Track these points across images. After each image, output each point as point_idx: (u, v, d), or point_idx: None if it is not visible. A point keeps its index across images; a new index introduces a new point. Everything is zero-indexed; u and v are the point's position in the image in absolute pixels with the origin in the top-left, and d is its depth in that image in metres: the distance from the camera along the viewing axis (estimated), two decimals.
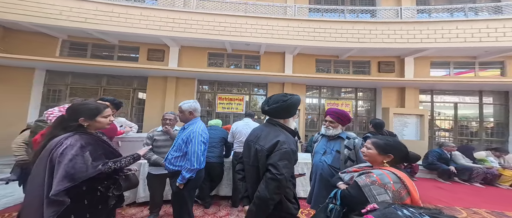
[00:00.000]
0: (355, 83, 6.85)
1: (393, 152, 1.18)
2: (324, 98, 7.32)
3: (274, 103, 1.15)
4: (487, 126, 6.78)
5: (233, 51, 7.19)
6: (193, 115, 1.82)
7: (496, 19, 5.52)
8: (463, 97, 6.89)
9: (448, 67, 6.66)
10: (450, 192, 3.95)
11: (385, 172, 1.10)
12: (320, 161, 1.79)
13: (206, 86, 7.63)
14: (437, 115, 6.92)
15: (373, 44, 5.91)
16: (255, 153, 1.10)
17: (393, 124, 6.29)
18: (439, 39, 5.72)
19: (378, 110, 6.85)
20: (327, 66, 7.23)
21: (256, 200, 1.01)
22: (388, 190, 0.99)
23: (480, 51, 5.99)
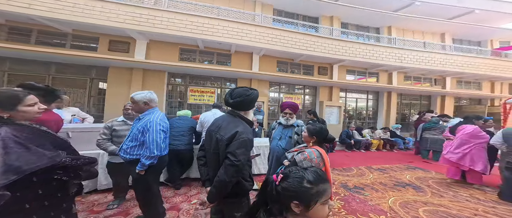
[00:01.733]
0: (304, 82, 7.68)
1: (317, 135, 1.45)
2: (282, 93, 7.82)
3: (238, 97, 1.14)
4: (369, 113, 8.84)
5: (205, 48, 6.66)
6: (149, 105, 1.69)
7: (377, 45, 7.53)
8: (360, 94, 8.77)
9: (354, 74, 8.42)
10: (350, 158, 4.92)
11: (313, 150, 1.36)
12: (277, 145, 1.98)
13: (179, 79, 6.76)
14: (348, 106, 8.62)
15: (315, 53, 6.84)
16: (216, 142, 1.10)
17: (325, 113, 7.42)
18: (351, 54, 7.25)
19: (317, 103, 7.86)
20: (285, 67, 7.69)
21: (216, 183, 1.03)
22: (313, 164, 1.25)
23: (367, 65, 7.93)
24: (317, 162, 1.29)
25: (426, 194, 2.79)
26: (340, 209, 2.18)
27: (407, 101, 8.96)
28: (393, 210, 2.20)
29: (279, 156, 1.95)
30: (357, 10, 7.82)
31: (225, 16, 6.34)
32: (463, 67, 7.90)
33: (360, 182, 3.10)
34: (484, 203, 2.55)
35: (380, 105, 8.56)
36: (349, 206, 2.24)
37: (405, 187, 2.98)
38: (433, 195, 2.76)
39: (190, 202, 2.37)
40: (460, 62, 7.91)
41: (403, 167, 4.12)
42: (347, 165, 4.09)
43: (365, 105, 8.73)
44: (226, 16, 6.35)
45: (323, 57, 7.16)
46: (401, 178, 3.41)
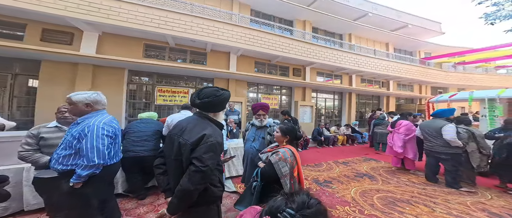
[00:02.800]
0: (280, 83, 7.20)
1: (289, 134, 1.38)
2: (261, 93, 7.17)
3: (206, 97, 0.97)
4: (335, 112, 9.08)
5: (177, 46, 5.50)
6: (92, 107, 1.36)
7: (341, 50, 7.59)
8: (328, 95, 8.83)
9: (323, 76, 8.43)
10: (321, 153, 4.86)
11: (286, 149, 1.27)
12: (251, 147, 1.84)
13: (145, 77, 5.37)
14: (318, 106, 8.56)
15: (290, 55, 6.44)
16: (178, 147, 0.90)
17: (299, 112, 7.21)
18: (320, 58, 7.10)
19: (292, 103, 7.54)
20: (263, 68, 7.06)
21: (178, 193, 0.84)
22: (287, 163, 1.19)
23: (333, 68, 8.01)
24: (291, 161, 1.23)
25: (378, 182, 2.96)
26: None
27: (363, 101, 9.53)
28: (355, 200, 2.28)
29: (253, 157, 1.79)
30: (325, 16, 7.61)
31: (200, 14, 5.29)
32: (401, 72, 8.78)
33: (329, 176, 3.13)
34: (418, 185, 2.84)
35: (344, 105, 8.86)
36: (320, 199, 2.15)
37: (363, 177, 3.11)
38: (383, 182, 2.95)
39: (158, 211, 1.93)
40: (399, 68, 8.75)
41: (361, 159, 4.30)
42: (318, 160, 4.05)
43: (332, 105, 8.90)
44: (201, 14, 5.31)
45: (297, 59, 6.78)
46: (360, 169, 3.53)
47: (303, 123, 7.06)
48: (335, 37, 8.83)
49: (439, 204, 2.26)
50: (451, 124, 2.81)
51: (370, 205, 2.18)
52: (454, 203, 2.27)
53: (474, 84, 10.51)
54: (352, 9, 8.42)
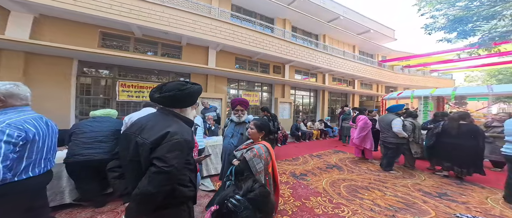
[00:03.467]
0: (261, 80, 6.96)
1: (265, 129, 1.34)
2: (242, 90, 6.82)
3: (168, 91, 0.85)
4: (311, 108, 9.38)
5: (145, 37, 4.66)
6: (5, 102, 1.01)
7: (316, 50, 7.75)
8: (305, 92, 9.05)
9: (301, 74, 8.57)
10: (298, 148, 4.89)
11: (261, 145, 1.22)
12: (229, 143, 1.74)
13: (104, 70, 4.45)
14: (296, 102, 8.72)
15: (271, 52, 6.23)
16: (135, 147, 0.78)
17: (279, 109, 7.17)
18: (299, 56, 7.11)
19: (273, 99, 7.43)
20: (244, 64, 6.66)
21: (136, 196, 0.72)
22: (262, 159, 1.15)
23: (309, 67, 8.16)
24: (265, 157, 1.19)
25: (344, 172, 3.12)
26: (290, 197, 2.17)
27: (334, 98, 10.13)
28: (326, 190, 2.37)
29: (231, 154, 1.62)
30: (303, 16, 7.54)
31: (174, 4, 4.53)
32: (364, 73, 9.57)
33: (304, 169, 3.17)
34: (374, 173, 3.08)
35: (318, 101, 9.21)
36: (296, 192, 2.28)
37: (332, 168, 3.25)
38: (348, 172, 3.13)
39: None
40: (362, 69, 9.50)
41: (331, 152, 4.51)
42: (296, 155, 4.08)
43: (308, 101, 9.17)
44: (174, 4, 4.55)
45: (277, 57, 6.60)
46: (330, 161, 3.69)
47: (283, 119, 7.06)
48: (312, 38, 8.93)
49: (388, 187, 2.52)
50: (398, 118, 3.13)
51: (337, 194, 2.31)
52: (399, 186, 2.57)
53: (415, 84, 12.41)
54: (327, 11, 8.57)
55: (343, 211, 1.90)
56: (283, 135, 5.44)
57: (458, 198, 2.27)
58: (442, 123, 3.01)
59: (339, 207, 1.98)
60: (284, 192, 2.28)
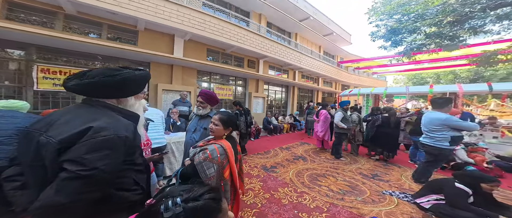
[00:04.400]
0: (235, 73, 6.57)
1: (232, 124, 1.12)
2: (214, 83, 6.28)
3: (92, 78, 0.66)
4: (282, 103, 9.70)
5: (80, 14, 3.57)
6: None
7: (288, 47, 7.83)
8: (277, 87, 9.21)
9: (274, 70, 8.54)
10: (270, 141, 4.94)
11: (216, 146, 0.96)
12: (190, 138, 1.55)
13: (16, 50, 3.23)
14: (270, 97, 8.84)
15: (246, 46, 5.88)
16: (36, 148, 0.59)
17: (253, 103, 7.05)
18: (272, 52, 7.00)
19: (247, 94, 7.21)
20: (217, 57, 6.07)
21: (35, 211, 0.54)
22: (215, 163, 0.92)
23: (282, 63, 8.23)
24: (220, 161, 0.95)
25: (308, 162, 3.29)
26: (260, 190, 2.17)
27: (302, 94, 10.73)
28: (292, 181, 2.46)
29: None
30: (278, 12, 7.31)
31: None
32: (327, 71, 10.46)
33: (274, 161, 3.23)
34: (330, 161, 3.38)
35: (289, 97, 9.56)
36: (266, 185, 2.31)
37: (298, 159, 3.38)
38: (311, 161, 3.31)
39: None
40: (326, 68, 10.33)
41: (298, 144, 4.70)
42: (267, 148, 4.11)
43: (280, 97, 9.40)
44: None
45: (252, 51, 6.29)
46: (297, 153, 3.82)
47: (256, 114, 7.00)
48: (285, 35, 8.88)
49: (340, 173, 2.81)
50: (340, 112, 3.55)
51: (301, 183, 2.42)
52: (347, 171, 2.90)
53: (362, 84, 14.64)
54: (299, 10, 8.52)
55: (305, 199, 2.02)
56: (256, 129, 5.41)
57: (384, 177, 2.74)
58: (380, 116, 3.57)
59: (302, 195, 2.09)
60: (254, 186, 2.27)
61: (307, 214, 1.76)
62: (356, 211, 1.83)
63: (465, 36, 4.23)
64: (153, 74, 4.75)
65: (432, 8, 4.05)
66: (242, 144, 3.58)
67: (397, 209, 1.89)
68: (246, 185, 2.30)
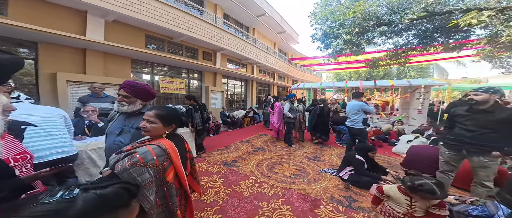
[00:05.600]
0: (188, 65, 5.85)
1: (175, 120, 0.93)
2: (160, 75, 5.31)
3: None
4: (242, 97, 9.71)
5: None
6: None
7: (247, 42, 7.79)
8: (237, 81, 9.02)
9: (233, 63, 8.25)
10: (231, 136, 4.88)
11: (151, 147, 0.80)
12: (115, 143, 1.13)
13: None
14: (229, 91, 8.54)
15: (199, 36, 5.31)
16: None
17: (210, 98, 6.72)
18: (230, 45, 6.74)
19: (203, 87, 6.66)
20: (162, 45, 5.07)
21: None
22: (150, 168, 0.75)
23: (240, 57, 8.13)
24: (158, 163, 0.77)
25: (266, 152, 3.41)
26: (221, 187, 2.12)
27: (260, 88, 11.15)
28: (252, 172, 2.49)
29: None
30: (235, 5, 6.95)
31: None
32: (281, 67, 11.40)
33: (235, 155, 3.20)
34: (284, 149, 3.60)
35: (248, 91, 9.66)
36: (227, 180, 2.27)
37: (258, 151, 3.47)
38: (269, 151, 3.45)
39: None
40: (280, 64, 11.22)
41: (258, 136, 4.80)
42: (228, 143, 4.04)
43: (239, 91, 9.33)
44: None
45: (207, 43, 5.71)
46: (256, 145, 3.93)
47: (215, 108, 6.65)
48: (243, 29, 8.65)
49: (291, 159, 3.04)
50: (287, 103, 3.89)
51: (261, 173, 2.48)
52: (297, 157, 3.16)
53: (307, 79, 17.12)
54: (256, 5, 8.41)
55: (265, 188, 2.09)
56: (215, 124, 5.17)
57: (321, 157, 3.19)
58: (318, 106, 4.08)
59: (262, 185, 2.16)
60: (215, 183, 2.19)
61: (266, 203, 1.84)
62: (303, 191, 2.05)
63: (364, 45, 5.65)
64: (47, 60, 3.26)
65: (348, 19, 4.94)
66: (199, 141, 3.33)
67: (330, 184, 2.27)
68: (206, 183, 2.19)
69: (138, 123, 1.10)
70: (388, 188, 1.20)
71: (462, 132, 1.67)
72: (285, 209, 1.78)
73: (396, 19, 4.38)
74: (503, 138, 1.50)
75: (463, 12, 3.37)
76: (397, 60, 6.10)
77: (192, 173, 1.05)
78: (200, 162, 2.89)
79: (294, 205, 1.86)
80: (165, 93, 5.01)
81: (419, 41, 4.96)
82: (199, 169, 2.61)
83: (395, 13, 4.40)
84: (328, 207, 1.83)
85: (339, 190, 2.17)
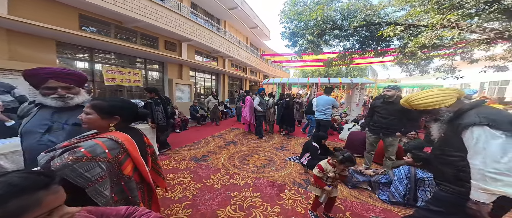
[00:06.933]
0: (144, 55, 5.04)
1: (121, 112, 0.81)
2: (104, 63, 4.31)
3: None
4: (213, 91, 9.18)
5: None
6: None
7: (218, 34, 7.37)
8: (207, 75, 8.49)
9: (202, 56, 7.66)
10: (200, 131, 4.65)
11: (100, 140, 0.70)
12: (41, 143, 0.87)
13: None
14: (198, 85, 7.99)
15: (159, 24, 4.68)
16: None
17: (176, 91, 6.06)
18: (198, 36, 6.21)
19: (165, 80, 5.96)
20: (107, 29, 4.15)
21: None
22: (100, 162, 0.67)
23: (211, 49, 7.63)
24: (112, 157, 0.68)
25: (238, 145, 3.42)
26: (190, 182, 2.06)
27: (233, 82, 10.85)
28: (224, 166, 2.49)
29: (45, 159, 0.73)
30: None
31: None
32: (253, 62, 11.42)
33: (206, 150, 3.12)
34: (255, 141, 3.69)
35: (220, 85, 9.25)
36: (197, 175, 2.21)
37: (230, 145, 3.45)
38: (241, 144, 3.46)
39: None
40: (252, 59, 11.24)
41: (230, 130, 4.74)
42: (198, 138, 3.89)
43: (210, 84, 8.77)
44: None
45: (170, 31, 5.04)
46: (228, 138, 3.89)
47: (181, 103, 6.07)
48: (214, 21, 8.05)
49: (262, 150, 3.14)
50: (257, 97, 3.96)
51: (233, 165, 2.50)
52: (266, 148, 3.28)
53: (277, 75, 18.04)
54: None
55: (237, 179, 2.12)
56: (182, 119, 4.77)
57: (287, 147, 3.38)
58: (285, 100, 4.34)
59: (233, 177, 2.18)
60: (183, 180, 2.10)
61: (238, 193, 1.87)
62: (271, 179, 2.18)
63: (323, 46, 6.32)
64: None
65: (311, 21, 5.38)
66: (162, 138, 3.05)
67: (293, 170, 2.48)
68: (172, 180, 2.08)
69: (75, 118, 0.91)
70: (323, 163, 1.46)
71: (379, 119, 2.15)
72: (255, 196, 1.85)
73: (346, 25, 5.12)
74: (401, 122, 2.08)
75: (387, 25, 4.29)
76: (345, 61, 7.23)
77: (155, 168, 0.99)
78: (165, 159, 2.70)
79: (263, 192, 1.97)
80: (111, 85, 4.13)
81: (359, 46, 6.01)
82: (164, 167, 2.44)
83: (345, 20, 5.12)
84: (291, 191, 2.03)
85: (300, 174, 2.43)
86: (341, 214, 1.65)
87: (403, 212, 1.64)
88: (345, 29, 5.23)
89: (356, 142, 3.05)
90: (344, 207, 1.74)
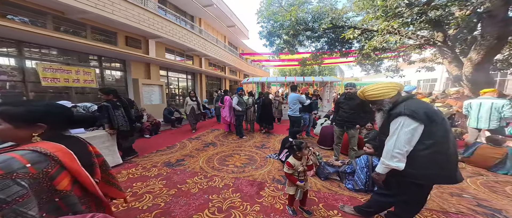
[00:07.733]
0: (100, 52, 4.29)
1: (46, 118, 0.65)
2: (36, 60, 3.51)
3: None
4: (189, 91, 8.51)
5: None
6: None
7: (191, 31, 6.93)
8: (181, 74, 7.85)
9: (174, 54, 7.07)
10: (174, 134, 4.39)
11: (17, 153, 0.55)
12: None
13: None
14: (171, 85, 7.36)
15: (116, 17, 4.06)
16: None
17: (142, 92, 5.42)
18: (168, 33, 5.72)
19: (129, 80, 5.28)
20: (43, 19, 3.36)
21: None
22: (20, 179, 0.53)
23: (184, 48, 7.14)
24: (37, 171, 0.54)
25: (218, 146, 3.31)
26: (162, 189, 1.91)
27: (211, 82, 10.36)
28: (202, 169, 2.39)
29: None
30: None
31: None
32: (231, 61, 11.17)
33: (181, 154, 2.95)
34: (235, 141, 3.61)
35: (196, 85, 8.70)
36: (170, 181, 2.07)
37: (208, 146, 3.32)
38: (220, 145, 3.36)
39: None
40: (230, 58, 10.98)
41: (209, 131, 4.59)
42: (172, 142, 3.64)
43: (185, 85, 8.17)
44: None
45: (132, 27, 4.47)
46: (207, 140, 3.74)
47: (151, 105, 5.48)
48: (187, 18, 7.50)
49: (242, 150, 3.08)
50: (236, 97, 3.87)
51: (211, 167, 2.41)
52: (247, 147, 3.25)
53: (256, 74, 18.30)
54: None
55: (215, 181, 2.05)
56: (152, 123, 4.32)
57: (267, 145, 3.37)
58: (262, 99, 4.37)
59: (212, 179, 2.10)
60: (154, 187, 1.93)
61: (217, 195, 1.80)
62: (251, 178, 2.13)
63: (297, 46, 6.72)
64: None
65: (286, 21, 5.52)
66: (126, 144, 2.70)
67: (273, 167, 2.49)
68: (140, 190, 1.91)
69: None
70: (291, 159, 1.49)
71: (343, 113, 2.38)
72: (235, 197, 1.78)
73: (316, 26, 5.50)
74: (359, 116, 2.36)
75: (348, 28, 4.79)
76: (317, 61, 7.81)
77: (106, 178, 0.88)
78: (131, 167, 2.47)
79: (243, 191, 1.91)
80: (51, 85, 3.39)
81: (328, 47, 6.57)
82: (130, 176, 2.24)
83: (315, 21, 5.49)
84: (270, 188, 2.03)
85: (279, 171, 2.46)
86: (315, 206, 1.70)
87: (365, 198, 1.81)
88: (315, 31, 5.62)
89: (328, 136, 3.29)
90: (318, 198, 1.82)
